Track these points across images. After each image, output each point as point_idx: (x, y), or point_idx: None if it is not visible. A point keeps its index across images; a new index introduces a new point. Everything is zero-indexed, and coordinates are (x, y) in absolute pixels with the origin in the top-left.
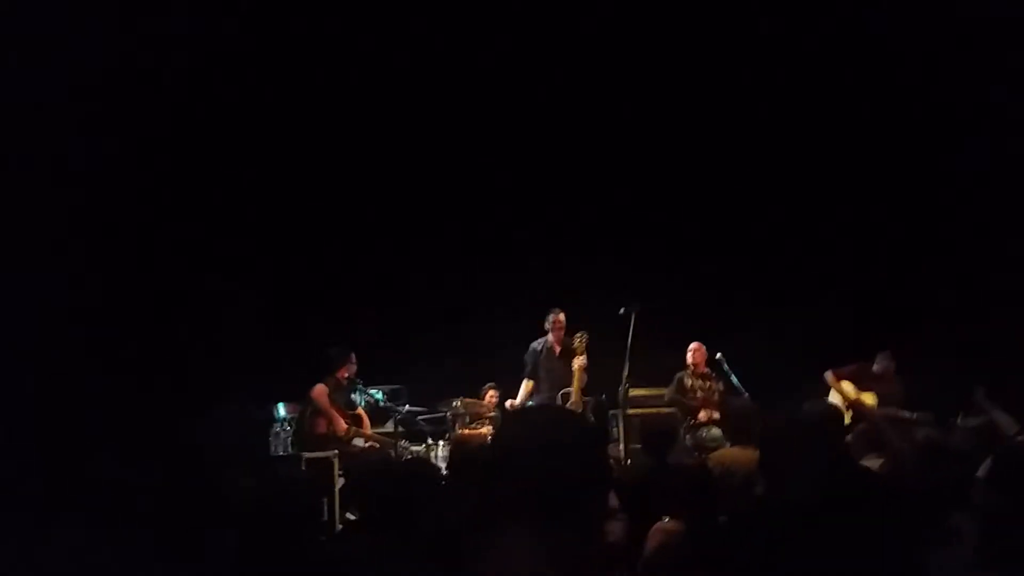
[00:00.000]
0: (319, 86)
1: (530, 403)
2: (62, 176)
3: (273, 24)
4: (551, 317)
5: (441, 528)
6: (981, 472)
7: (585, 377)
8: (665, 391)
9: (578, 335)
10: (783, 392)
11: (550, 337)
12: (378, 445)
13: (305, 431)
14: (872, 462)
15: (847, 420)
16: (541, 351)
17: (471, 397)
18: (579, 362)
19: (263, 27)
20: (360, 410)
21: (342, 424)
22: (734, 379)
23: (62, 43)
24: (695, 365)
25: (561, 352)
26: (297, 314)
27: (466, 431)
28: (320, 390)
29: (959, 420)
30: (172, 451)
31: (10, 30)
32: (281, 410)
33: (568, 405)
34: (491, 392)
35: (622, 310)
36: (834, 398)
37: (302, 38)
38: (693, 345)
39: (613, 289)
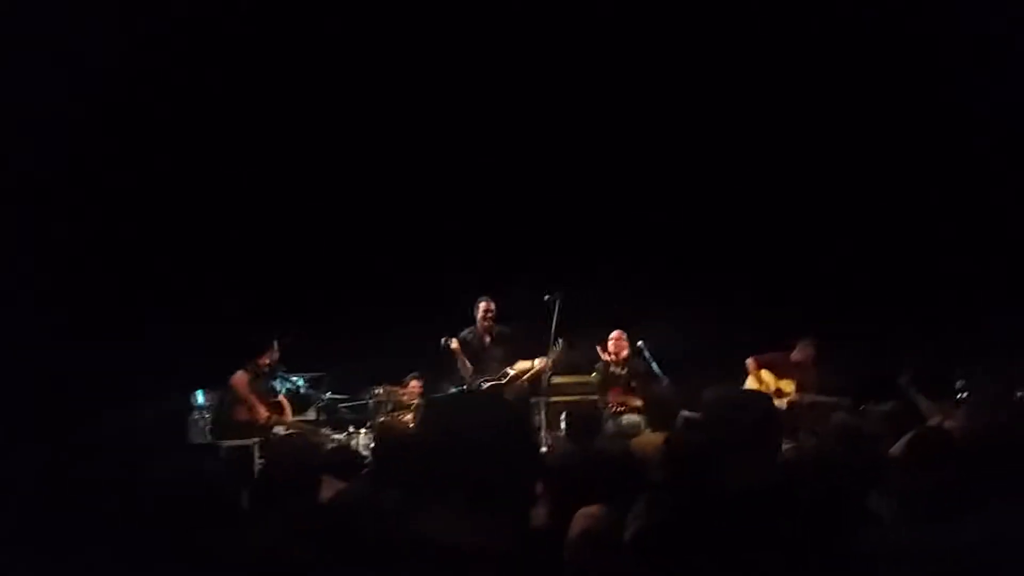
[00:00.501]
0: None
1: (454, 389)
2: None
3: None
4: (480, 305)
5: (365, 515)
6: (895, 451)
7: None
8: (587, 378)
9: (555, 345)
10: (703, 379)
11: (479, 326)
12: (300, 433)
13: (225, 419)
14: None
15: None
16: (471, 341)
17: (393, 385)
18: (541, 363)
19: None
20: (282, 397)
21: (263, 412)
22: (655, 366)
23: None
24: (616, 353)
25: (492, 341)
26: (218, 300)
27: (389, 418)
28: (240, 377)
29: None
30: (86, 441)
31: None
32: (200, 397)
33: (513, 387)
34: (414, 381)
35: (546, 297)
36: (752, 385)
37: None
38: (614, 333)
39: (537, 277)
